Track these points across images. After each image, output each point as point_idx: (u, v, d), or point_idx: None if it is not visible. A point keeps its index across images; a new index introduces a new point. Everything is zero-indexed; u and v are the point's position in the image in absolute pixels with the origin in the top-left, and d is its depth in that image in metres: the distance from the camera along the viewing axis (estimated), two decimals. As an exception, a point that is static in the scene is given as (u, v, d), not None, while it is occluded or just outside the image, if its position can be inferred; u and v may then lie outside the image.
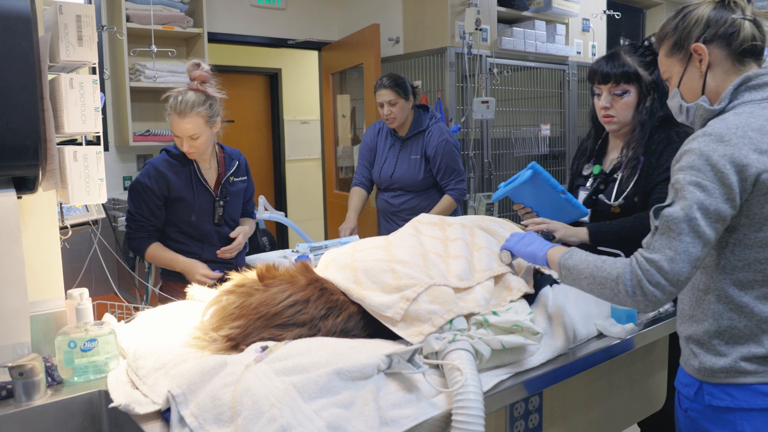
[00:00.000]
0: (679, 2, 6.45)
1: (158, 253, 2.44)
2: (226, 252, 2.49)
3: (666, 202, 1.29)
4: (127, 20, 4.07)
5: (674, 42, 1.43)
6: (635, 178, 2.04)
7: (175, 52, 4.37)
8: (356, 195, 3.51)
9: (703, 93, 1.41)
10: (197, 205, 2.44)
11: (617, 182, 2.11)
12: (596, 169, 2.21)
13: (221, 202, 2.48)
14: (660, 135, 2.04)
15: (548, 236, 1.94)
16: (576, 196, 2.21)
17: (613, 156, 2.21)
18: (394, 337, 1.39)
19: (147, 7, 4.13)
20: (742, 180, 1.25)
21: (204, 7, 4.37)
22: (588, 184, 2.20)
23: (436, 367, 1.29)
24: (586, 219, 2.11)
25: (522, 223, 2.04)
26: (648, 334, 1.73)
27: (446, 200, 3.26)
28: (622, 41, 2.14)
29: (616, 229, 2.00)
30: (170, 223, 2.46)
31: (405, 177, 3.30)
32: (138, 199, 2.40)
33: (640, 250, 1.30)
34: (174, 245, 2.47)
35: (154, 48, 4.09)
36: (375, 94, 3.30)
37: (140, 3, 4.14)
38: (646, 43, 2.12)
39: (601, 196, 2.13)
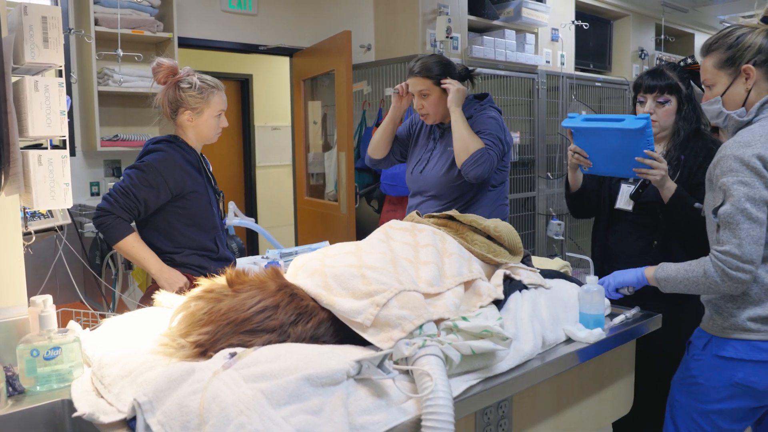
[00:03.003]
0: (644, 14, 6.58)
1: (138, 245, 2.22)
2: None
3: (718, 203, 1.66)
4: (96, 24, 4.02)
5: (727, 58, 1.73)
6: (677, 176, 2.27)
7: (142, 57, 4.32)
8: None
9: (743, 104, 1.74)
10: (209, 197, 2.37)
11: None
12: None
13: (221, 194, 2.46)
14: (698, 143, 2.32)
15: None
16: (617, 189, 2.39)
17: None
18: (364, 343, 1.38)
19: (116, 10, 4.08)
20: None
21: (174, 12, 4.33)
22: (631, 179, 2.36)
23: (406, 372, 1.28)
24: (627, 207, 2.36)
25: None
26: (615, 339, 1.75)
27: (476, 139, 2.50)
28: (658, 62, 2.38)
29: (696, 212, 2.08)
30: (187, 219, 2.31)
31: (432, 173, 2.61)
32: (144, 181, 2.20)
33: (713, 246, 1.68)
34: (186, 241, 2.32)
35: (120, 53, 4.04)
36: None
37: (109, 6, 4.09)
38: (682, 63, 2.46)
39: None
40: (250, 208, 6.95)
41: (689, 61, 2.44)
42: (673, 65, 2.40)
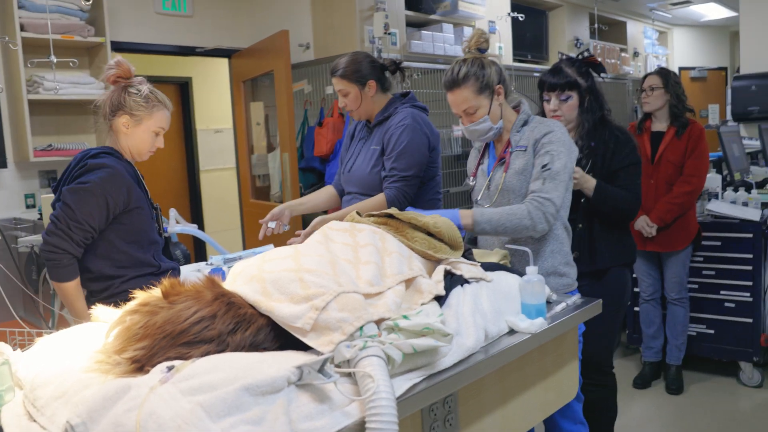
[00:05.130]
0: (578, 4, 6.72)
1: (77, 293, 2.12)
2: None
3: (546, 162, 2.08)
4: (22, 29, 3.88)
5: (482, 85, 2.13)
6: (590, 163, 2.54)
7: (77, 63, 4.19)
8: (318, 191, 3.02)
9: (501, 117, 2.21)
10: (150, 212, 2.28)
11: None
12: None
13: (158, 208, 2.37)
14: (605, 132, 2.56)
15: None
16: None
17: None
18: (305, 348, 1.37)
19: (43, 15, 3.95)
20: None
21: (106, 15, 4.21)
22: None
23: (348, 375, 1.28)
24: None
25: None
26: (557, 327, 1.78)
27: (378, 197, 2.60)
28: (560, 55, 2.53)
29: (619, 197, 2.51)
30: (129, 235, 2.20)
31: (358, 171, 2.72)
32: (96, 206, 2.07)
33: (539, 194, 2.05)
34: (127, 258, 2.21)
35: (54, 59, 3.90)
36: None
37: (35, 11, 3.95)
38: (581, 57, 2.63)
39: None
40: (195, 213, 6.83)
41: (586, 54, 2.66)
42: (571, 60, 2.62)
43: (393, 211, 1.86)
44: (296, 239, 2.46)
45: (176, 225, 3.15)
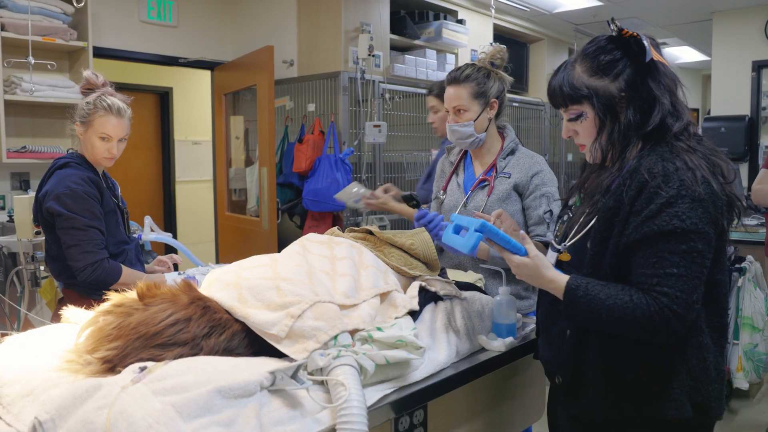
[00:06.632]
0: (558, 39, 6.87)
1: (132, 272, 2.22)
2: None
3: (546, 208, 2.11)
4: (2, 29, 3.85)
5: (481, 91, 2.17)
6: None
7: (56, 66, 4.16)
8: None
9: (485, 130, 2.21)
10: (118, 217, 2.31)
11: None
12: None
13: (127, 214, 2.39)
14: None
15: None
16: None
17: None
18: (279, 355, 1.37)
19: (25, 16, 3.92)
20: None
21: (89, 20, 4.20)
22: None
23: (321, 383, 1.29)
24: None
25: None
26: (526, 348, 1.81)
27: None
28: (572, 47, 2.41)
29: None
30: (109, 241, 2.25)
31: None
32: (87, 211, 2.14)
33: (541, 237, 2.04)
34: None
35: (31, 60, 3.87)
36: None
37: (17, 11, 3.92)
38: (614, 31, 1.53)
39: None
40: (169, 223, 6.77)
41: (614, 29, 1.50)
42: (589, 54, 1.53)
43: (372, 228, 1.88)
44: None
45: (150, 233, 3.12)
